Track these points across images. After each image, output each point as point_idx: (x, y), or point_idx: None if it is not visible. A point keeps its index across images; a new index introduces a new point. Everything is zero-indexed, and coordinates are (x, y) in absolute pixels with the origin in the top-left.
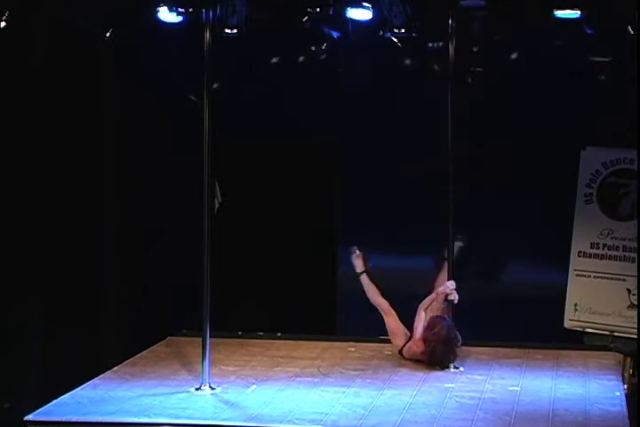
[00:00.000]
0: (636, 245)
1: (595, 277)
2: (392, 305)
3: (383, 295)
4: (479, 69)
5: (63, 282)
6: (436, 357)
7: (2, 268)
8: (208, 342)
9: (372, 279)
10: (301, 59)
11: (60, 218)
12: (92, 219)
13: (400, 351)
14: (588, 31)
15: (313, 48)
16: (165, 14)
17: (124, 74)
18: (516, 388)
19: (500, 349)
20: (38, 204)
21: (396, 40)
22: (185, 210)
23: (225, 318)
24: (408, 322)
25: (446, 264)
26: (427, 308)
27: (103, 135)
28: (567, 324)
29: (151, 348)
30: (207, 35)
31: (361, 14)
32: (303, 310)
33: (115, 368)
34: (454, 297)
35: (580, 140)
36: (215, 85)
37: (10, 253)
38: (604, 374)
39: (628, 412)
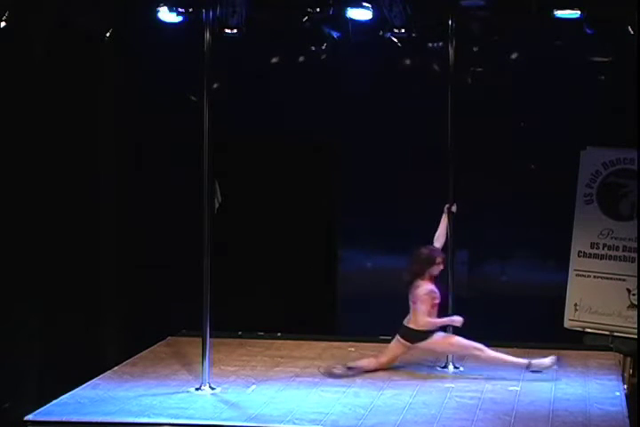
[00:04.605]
0: (635, 245)
1: (595, 277)
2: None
3: None
4: (479, 69)
5: (63, 282)
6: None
7: (2, 268)
8: (208, 342)
9: None
10: (301, 59)
11: (60, 219)
12: (91, 219)
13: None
14: (588, 31)
15: (313, 48)
16: (165, 14)
17: (124, 74)
18: (516, 388)
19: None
20: (38, 204)
21: (395, 40)
22: (185, 209)
23: (225, 318)
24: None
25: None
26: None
27: (103, 135)
28: (567, 324)
29: (151, 348)
30: (207, 35)
31: (361, 14)
32: (303, 310)
33: (115, 368)
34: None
35: (580, 140)
36: (215, 85)
37: (10, 253)
38: (603, 374)
39: (628, 412)
